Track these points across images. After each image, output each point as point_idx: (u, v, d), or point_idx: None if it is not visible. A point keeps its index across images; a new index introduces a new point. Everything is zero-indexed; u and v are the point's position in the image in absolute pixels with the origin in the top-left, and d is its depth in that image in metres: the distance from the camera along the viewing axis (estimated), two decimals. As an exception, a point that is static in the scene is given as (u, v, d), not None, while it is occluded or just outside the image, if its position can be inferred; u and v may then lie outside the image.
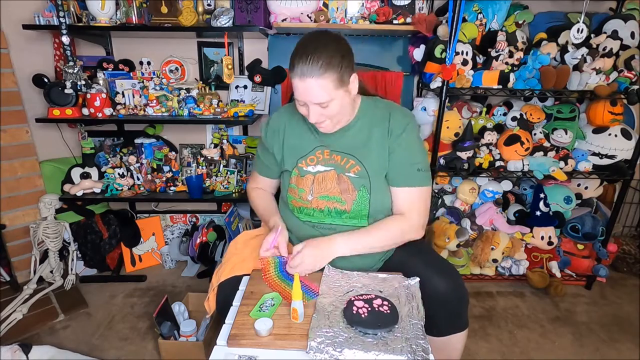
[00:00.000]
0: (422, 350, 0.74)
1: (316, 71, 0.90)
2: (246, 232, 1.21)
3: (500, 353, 1.56)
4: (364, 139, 1.06)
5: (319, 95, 0.93)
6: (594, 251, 1.97)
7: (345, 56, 0.96)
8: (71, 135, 2.07)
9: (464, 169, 1.77)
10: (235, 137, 2.17)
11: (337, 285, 0.93)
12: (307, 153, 1.08)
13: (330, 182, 1.04)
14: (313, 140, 1.09)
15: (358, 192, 1.03)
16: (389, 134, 1.04)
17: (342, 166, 1.05)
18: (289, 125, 1.12)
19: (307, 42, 0.95)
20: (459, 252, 1.98)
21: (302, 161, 1.08)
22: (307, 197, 1.06)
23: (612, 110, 1.77)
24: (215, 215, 2.29)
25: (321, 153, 1.07)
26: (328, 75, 0.91)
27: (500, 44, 1.70)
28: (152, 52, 2.02)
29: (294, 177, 1.08)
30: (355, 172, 1.04)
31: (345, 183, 1.04)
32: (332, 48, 0.93)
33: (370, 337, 0.76)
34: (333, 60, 0.92)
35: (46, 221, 1.88)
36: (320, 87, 0.92)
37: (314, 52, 0.91)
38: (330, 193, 1.04)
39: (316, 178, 1.05)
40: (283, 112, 1.16)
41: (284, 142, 1.12)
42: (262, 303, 0.87)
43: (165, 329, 1.45)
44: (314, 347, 0.74)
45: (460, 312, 1.01)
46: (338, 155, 1.06)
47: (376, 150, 1.05)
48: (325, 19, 1.80)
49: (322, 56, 0.90)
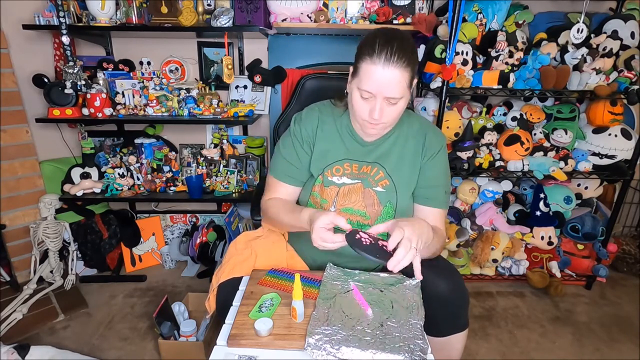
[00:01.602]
0: (420, 350, 0.73)
1: (401, 62, 0.86)
2: (246, 233, 1.20)
3: (500, 353, 1.56)
4: (397, 152, 1.03)
5: (396, 88, 0.88)
6: (594, 251, 1.97)
7: (417, 58, 0.93)
8: (71, 135, 2.07)
9: (464, 169, 1.77)
10: (235, 137, 2.17)
11: (337, 283, 0.93)
12: (333, 162, 1.03)
13: (355, 196, 1.01)
14: (342, 149, 1.04)
15: (384, 207, 1.01)
16: (422, 154, 1.02)
17: (370, 177, 1.02)
18: (321, 127, 1.05)
19: (388, 34, 0.89)
20: (459, 252, 1.98)
21: (327, 170, 1.03)
22: (329, 208, 1.02)
23: (612, 110, 1.77)
24: (215, 215, 2.29)
25: (349, 165, 1.03)
26: (409, 71, 0.88)
27: (500, 44, 1.70)
28: (152, 52, 2.02)
29: (317, 185, 1.04)
30: (383, 185, 1.01)
31: (371, 198, 1.01)
32: (413, 45, 0.90)
33: (369, 335, 0.76)
34: (414, 57, 0.89)
35: (46, 221, 1.88)
36: (402, 79, 0.87)
37: (399, 44, 0.86)
38: (355, 206, 1.01)
39: (341, 190, 1.02)
40: (315, 109, 1.08)
41: (316, 141, 1.05)
42: (261, 303, 0.87)
43: (165, 329, 1.45)
44: (312, 344, 0.74)
45: (460, 312, 1.01)
46: (368, 166, 1.03)
47: (408, 166, 1.02)
48: (325, 19, 1.80)
49: (407, 50, 0.87)
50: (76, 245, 2.01)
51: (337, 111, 1.07)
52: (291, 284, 0.94)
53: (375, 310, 0.82)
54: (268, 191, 1.11)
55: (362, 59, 0.89)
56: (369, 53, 0.88)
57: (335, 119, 1.06)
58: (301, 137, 1.05)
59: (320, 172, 1.03)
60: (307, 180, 1.08)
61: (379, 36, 0.89)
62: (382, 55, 0.86)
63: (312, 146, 1.05)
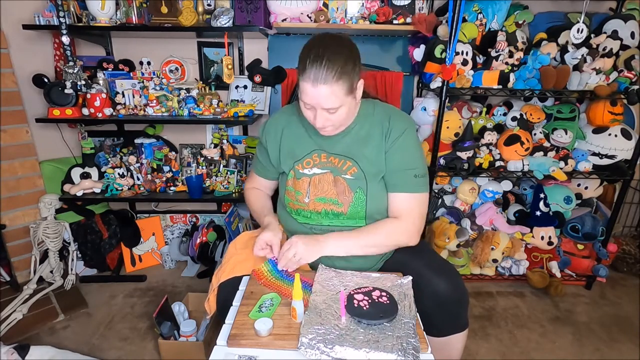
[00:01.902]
0: (413, 348, 0.74)
1: (330, 78, 0.89)
2: (246, 233, 1.21)
3: (500, 353, 1.56)
4: (362, 141, 1.06)
5: (330, 102, 0.92)
6: (594, 251, 1.97)
7: (357, 63, 0.95)
8: (71, 135, 2.07)
9: (464, 169, 1.77)
10: (235, 137, 2.17)
11: (330, 284, 0.93)
12: (303, 156, 1.09)
13: (326, 185, 1.05)
14: (310, 143, 1.10)
15: (354, 193, 1.04)
16: (386, 137, 1.04)
17: (338, 168, 1.06)
18: (287, 128, 1.13)
19: (320, 45, 0.92)
20: (459, 252, 1.98)
21: (298, 164, 1.08)
22: (303, 199, 1.07)
23: (612, 110, 1.77)
24: (215, 215, 2.29)
25: (318, 156, 1.08)
26: (341, 83, 0.90)
27: (500, 44, 1.70)
28: (152, 52, 2.02)
29: (290, 179, 1.09)
30: (352, 173, 1.04)
31: (341, 185, 1.04)
32: (346, 54, 0.92)
33: (362, 334, 0.77)
34: (346, 67, 0.91)
35: (46, 221, 1.88)
36: (333, 93, 0.91)
37: (329, 57, 0.89)
38: (327, 195, 1.05)
39: (312, 180, 1.06)
40: (281, 114, 1.17)
41: (281, 144, 1.12)
42: (261, 304, 0.87)
43: (165, 329, 1.45)
44: (305, 344, 0.74)
45: (460, 312, 1.01)
46: (336, 157, 1.07)
47: (373, 153, 1.05)
48: (325, 19, 1.80)
49: (337, 63, 0.89)
50: (76, 245, 2.01)
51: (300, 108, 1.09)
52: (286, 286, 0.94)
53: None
54: (250, 180, 1.28)
55: (298, 73, 0.94)
56: (301, 69, 0.92)
57: (300, 116, 1.10)
58: (266, 144, 1.15)
59: (291, 167, 1.09)
60: (281, 177, 1.16)
61: (310, 50, 0.92)
62: (310, 73, 0.89)
63: (278, 146, 1.13)
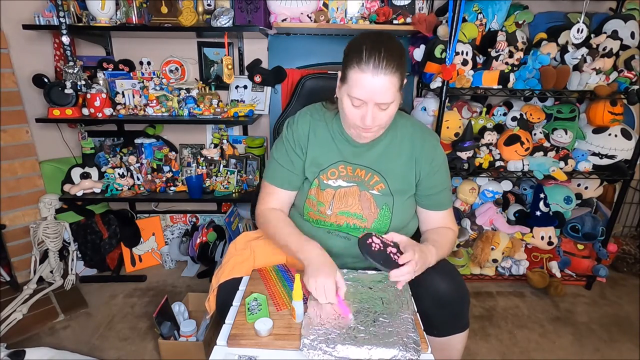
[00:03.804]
0: (414, 342, 0.74)
1: (390, 68, 0.85)
2: (246, 233, 1.20)
3: (500, 353, 1.56)
4: (391, 155, 1.03)
5: (387, 94, 0.87)
6: (594, 251, 1.97)
7: (406, 59, 0.92)
8: (71, 135, 2.07)
9: (464, 169, 1.77)
10: (235, 137, 2.17)
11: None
12: (328, 166, 1.03)
13: (351, 199, 1.01)
14: (335, 152, 1.04)
15: (380, 210, 1.02)
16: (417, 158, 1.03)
17: (365, 182, 1.02)
18: (314, 131, 1.05)
19: (375, 37, 0.89)
20: (459, 252, 1.98)
21: (323, 174, 1.03)
22: (326, 211, 1.02)
23: (612, 110, 1.77)
24: (215, 215, 2.29)
25: (344, 168, 1.03)
26: (398, 75, 0.87)
27: (500, 44, 1.70)
28: (152, 52, 2.02)
29: (313, 188, 1.04)
30: (379, 189, 1.02)
31: (367, 201, 1.01)
32: (400, 47, 0.90)
33: (363, 332, 0.77)
34: (402, 60, 0.88)
35: (46, 221, 1.88)
36: (392, 84, 0.87)
37: (387, 48, 0.86)
38: (351, 209, 1.02)
39: (337, 193, 1.02)
40: (307, 114, 1.08)
41: (308, 147, 1.04)
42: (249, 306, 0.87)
43: (165, 329, 1.45)
44: (307, 345, 0.74)
45: (461, 312, 1.01)
46: (362, 170, 1.03)
47: (402, 170, 1.03)
48: (325, 19, 1.80)
49: (395, 54, 0.86)
50: (76, 245, 2.01)
51: (328, 114, 1.06)
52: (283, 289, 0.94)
53: (366, 307, 0.84)
54: (265, 198, 1.09)
55: (350, 66, 0.88)
56: (356, 60, 0.87)
57: (327, 123, 1.05)
58: (294, 142, 1.05)
59: (315, 176, 1.03)
60: (303, 183, 1.07)
61: (366, 42, 0.87)
62: (370, 63, 0.85)
63: (304, 150, 1.05)
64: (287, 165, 1.06)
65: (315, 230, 1.06)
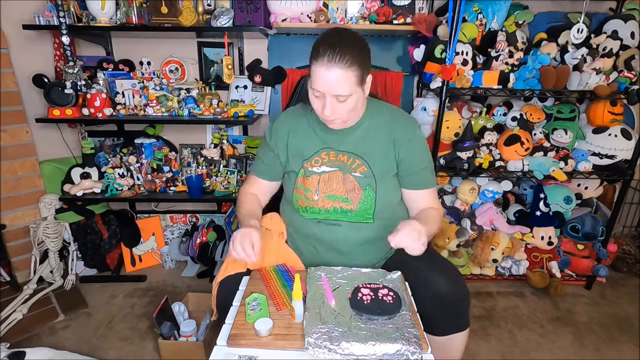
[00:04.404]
0: (415, 337, 0.76)
1: (343, 62, 0.91)
2: None
3: (500, 353, 1.56)
4: (370, 140, 1.08)
5: (342, 87, 0.94)
6: (594, 251, 1.97)
7: (368, 56, 0.99)
8: (71, 135, 2.07)
9: (464, 169, 1.77)
10: (235, 137, 2.17)
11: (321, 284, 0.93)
12: (312, 154, 1.10)
13: (336, 182, 1.06)
14: (318, 142, 1.11)
15: (364, 191, 1.05)
16: (396, 139, 1.07)
17: (348, 166, 1.07)
18: (294, 128, 1.14)
19: (334, 35, 0.96)
20: (459, 252, 1.98)
21: (307, 162, 1.10)
22: (313, 197, 1.07)
23: (612, 110, 1.77)
24: (215, 215, 2.29)
25: (326, 154, 1.09)
26: (354, 70, 0.93)
27: (500, 44, 1.70)
28: (152, 52, 2.02)
29: (300, 177, 1.10)
30: (361, 172, 1.06)
31: (351, 183, 1.06)
32: (359, 45, 0.96)
33: (364, 330, 0.77)
34: (359, 56, 0.94)
35: (46, 221, 1.88)
36: (345, 78, 0.93)
37: (343, 44, 0.92)
38: (336, 193, 1.06)
39: (322, 178, 1.07)
40: (288, 115, 1.18)
41: (289, 144, 1.13)
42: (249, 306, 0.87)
43: (165, 329, 1.45)
44: (312, 343, 0.74)
45: (461, 312, 1.01)
46: (344, 155, 1.08)
47: (381, 152, 1.07)
48: (325, 19, 1.80)
49: (349, 50, 0.92)
50: (76, 245, 2.01)
51: (307, 107, 1.12)
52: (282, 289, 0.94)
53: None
54: (249, 184, 1.24)
55: (311, 60, 0.96)
56: (315, 55, 0.95)
57: (306, 116, 1.14)
58: (274, 145, 1.15)
59: (300, 166, 1.10)
60: (290, 175, 1.14)
61: (324, 38, 0.96)
62: (325, 57, 0.92)
63: (285, 147, 1.13)
64: (266, 160, 1.18)
65: (306, 222, 1.10)
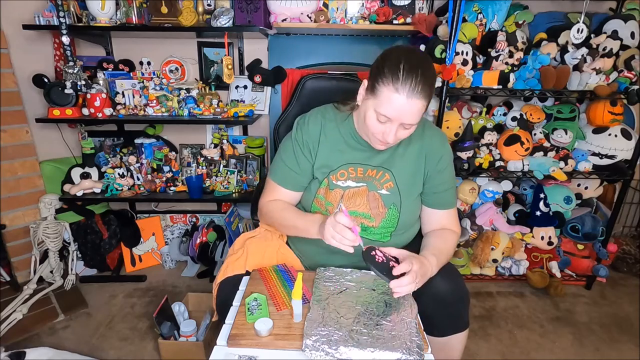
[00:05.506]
0: (417, 346, 0.74)
1: (424, 93, 0.85)
2: (243, 234, 1.21)
3: (500, 353, 1.56)
4: (401, 155, 1.04)
5: (416, 117, 0.88)
6: (594, 251, 1.97)
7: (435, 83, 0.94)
8: (71, 135, 2.07)
9: (464, 169, 1.77)
10: (235, 137, 2.17)
11: (329, 285, 0.93)
12: (337, 167, 1.03)
13: (359, 199, 1.02)
14: (346, 154, 1.04)
15: (388, 210, 1.02)
16: (427, 154, 1.04)
17: (376, 181, 1.02)
18: (324, 132, 1.05)
19: (413, 58, 0.87)
20: (459, 252, 1.98)
21: (332, 174, 1.03)
22: (334, 211, 1.01)
23: (612, 110, 1.77)
24: (215, 215, 2.29)
25: (354, 170, 1.03)
26: (428, 100, 0.88)
27: (500, 44, 1.70)
28: (152, 52, 2.02)
29: (322, 187, 1.04)
30: (388, 188, 1.02)
31: (375, 200, 1.02)
32: (434, 71, 0.90)
33: (365, 335, 0.77)
34: (434, 85, 0.90)
35: (46, 221, 1.88)
36: (421, 109, 0.88)
37: (424, 72, 0.85)
38: (359, 209, 1.02)
39: (346, 193, 1.02)
40: (319, 113, 1.07)
41: (319, 148, 1.04)
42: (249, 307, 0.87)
43: (165, 329, 1.45)
44: (310, 346, 0.74)
45: (461, 312, 1.01)
46: (373, 170, 1.03)
47: (411, 168, 1.04)
48: (325, 19, 1.80)
49: (429, 79, 0.87)
50: (76, 245, 2.01)
51: (339, 116, 1.06)
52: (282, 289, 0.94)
53: (370, 310, 0.84)
54: (267, 193, 1.10)
55: (383, 82, 0.86)
56: (392, 79, 0.85)
57: (338, 124, 1.05)
58: (302, 143, 1.04)
59: (325, 176, 1.03)
60: (311, 182, 1.07)
61: (404, 60, 0.86)
62: (406, 86, 0.84)
63: (314, 152, 1.04)
64: (292, 166, 1.05)
65: None
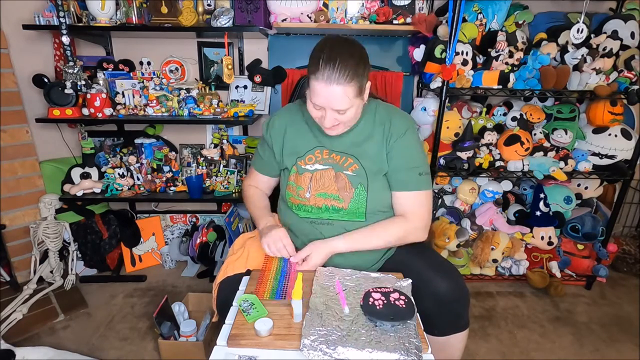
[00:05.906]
0: (416, 348, 0.74)
1: (343, 78, 0.90)
2: (244, 235, 1.23)
3: (500, 353, 1.56)
4: (364, 139, 1.08)
5: (342, 102, 0.93)
6: (594, 251, 1.97)
7: (367, 66, 0.97)
8: (71, 135, 2.07)
9: (464, 169, 1.77)
10: (235, 137, 2.17)
11: (329, 285, 0.93)
12: (306, 152, 1.10)
13: (327, 180, 1.07)
14: (313, 140, 1.11)
15: (355, 189, 1.05)
16: (388, 137, 1.06)
17: (340, 165, 1.07)
18: (290, 126, 1.14)
19: (333, 47, 0.93)
20: (459, 252, 1.98)
21: (300, 160, 1.10)
22: (305, 194, 1.08)
23: (612, 110, 1.77)
24: (215, 215, 2.29)
25: (320, 152, 1.09)
26: (353, 84, 0.92)
27: (500, 44, 1.70)
28: (152, 52, 2.02)
29: (292, 175, 1.10)
30: (353, 170, 1.06)
31: (342, 181, 1.06)
32: (358, 56, 0.94)
33: (364, 335, 0.76)
34: (358, 69, 0.93)
35: (46, 221, 1.88)
36: (345, 94, 0.92)
37: (342, 59, 0.90)
38: (328, 190, 1.06)
39: (314, 176, 1.07)
40: (284, 112, 1.18)
41: (284, 141, 1.13)
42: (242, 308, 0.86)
43: (165, 329, 1.45)
44: (308, 345, 0.74)
45: (461, 312, 1.01)
46: (337, 155, 1.08)
47: (374, 151, 1.07)
48: (325, 19, 1.80)
49: (349, 64, 0.91)
50: (76, 245, 2.01)
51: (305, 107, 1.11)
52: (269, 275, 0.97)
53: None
54: (250, 178, 1.28)
55: (309, 73, 0.94)
56: (313, 69, 0.93)
57: (303, 114, 1.13)
58: (270, 141, 1.15)
59: (293, 163, 1.10)
60: (283, 172, 1.15)
61: (323, 50, 0.93)
62: (324, 73, 0.90)
63: (281, 144, 1.14)
64: (265, 157, 1.20)
65: (299, 221, 1.11)
